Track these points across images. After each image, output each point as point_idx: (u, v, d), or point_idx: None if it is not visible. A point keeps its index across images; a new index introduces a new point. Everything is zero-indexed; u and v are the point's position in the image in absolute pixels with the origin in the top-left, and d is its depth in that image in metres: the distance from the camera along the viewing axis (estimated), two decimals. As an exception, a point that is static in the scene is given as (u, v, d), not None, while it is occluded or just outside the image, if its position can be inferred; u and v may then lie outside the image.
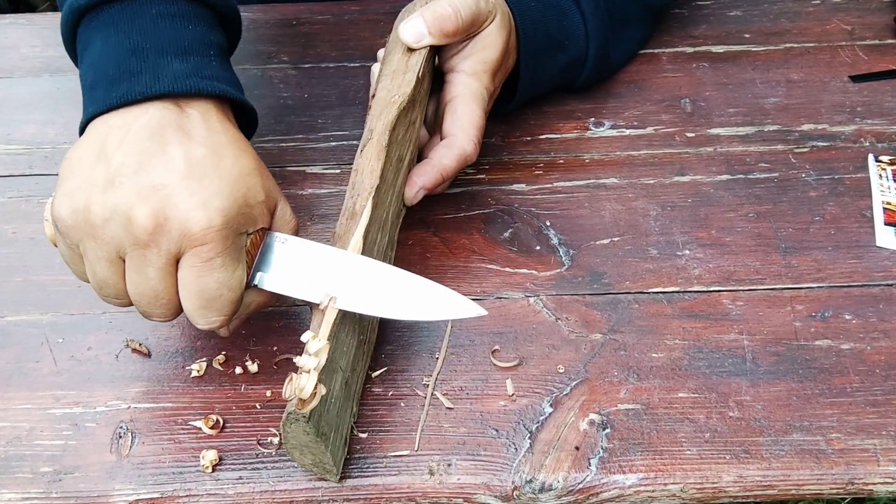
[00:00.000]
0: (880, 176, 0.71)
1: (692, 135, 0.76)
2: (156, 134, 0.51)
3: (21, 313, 0.64)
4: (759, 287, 0.63)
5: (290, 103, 0.80)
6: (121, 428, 0.57)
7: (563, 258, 0.66)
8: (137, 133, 0.51)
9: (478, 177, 0.73)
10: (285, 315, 0.63)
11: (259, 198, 0.53)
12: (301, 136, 0.77)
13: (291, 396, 0.48)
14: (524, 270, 0.65)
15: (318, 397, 0.48)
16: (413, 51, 0.64)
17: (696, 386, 0.58)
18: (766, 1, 0.90)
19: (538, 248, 0.67)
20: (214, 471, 0.54)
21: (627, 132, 0.76)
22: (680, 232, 0.67)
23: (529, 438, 0.55)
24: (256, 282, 0.54)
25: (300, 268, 0.54)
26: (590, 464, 0.54)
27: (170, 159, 0.50)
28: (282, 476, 0.54)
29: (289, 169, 0.74)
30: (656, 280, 0.64)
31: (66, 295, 0.64)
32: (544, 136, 0.76)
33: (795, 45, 0.84)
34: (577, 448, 0.55)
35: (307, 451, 0.51)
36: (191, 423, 0.57)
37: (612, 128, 0.77)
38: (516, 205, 0.70)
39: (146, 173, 0.50)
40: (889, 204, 0.69)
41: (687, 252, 0.66)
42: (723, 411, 0.56)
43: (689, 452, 0.54)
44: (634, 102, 0.79)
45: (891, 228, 0.67)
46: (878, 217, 0.68)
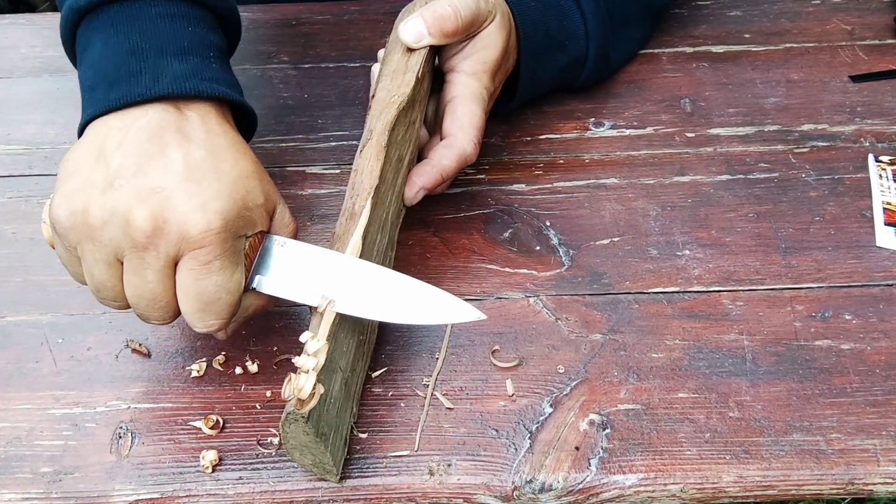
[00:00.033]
0: (880, 176, 0.71)
1: (692, 135, 0.76)
2: (155, 136, 0.51)
3: (21, 313, 0.64)
4: (759, 287, 0.63)
5: (290, 103, 0.80)
6: (121, 428, 0.57)
7: (563, 258, 0.66)
8: (136, 135, 0.51)
9: (478, 177, 0.73)
10: (285, 315, 0.63)
11: (258, 201, 0.53)
12: (301, 136, 0.77)
13: (290, 397, 0.48)
14: (524, 270, 0.65)
15: (317, 397, 0.48)
16: (413, 51, 0.64)
17: (696, 386, 0.58)
18: (766, 1, 0.90)
19: (538, 248, 0.67)
20: (214, 471, 0.54)
21: (627, 132, 0.76)
22: (680, 232, 0.67)
23: (529, 439, 0.55)
24: (255, 285, 0.54)
25: (299, 271, 0.54)
26: (590, 464, 0.54)
27: (169, 161, 0.50)
28: (282, 476, 0.54)
29: (289, 169, 0.74)
30: (656, 280, 0.64)
31: (66, 295, 0.64)
32: (544, 136, 0.76)
33: (795, 45, 0.84)
34: (577, 448, 0.55)
35: (307, 452, 0.51)
36: (191, 423, 0.57)
37: (612, 128, 0.77)
38: (516, 205, 0.70)
39: (145, 175, 0.49)
40: (889, 204, 0.69)
41: (687, 252, 0.66)
42: (723, 411, 0.56)
43: (689, 452, 0.54)
44: (634, 102, 0.79)
45: (891, 228, 0.67)
46: (878, 217, 0.68)
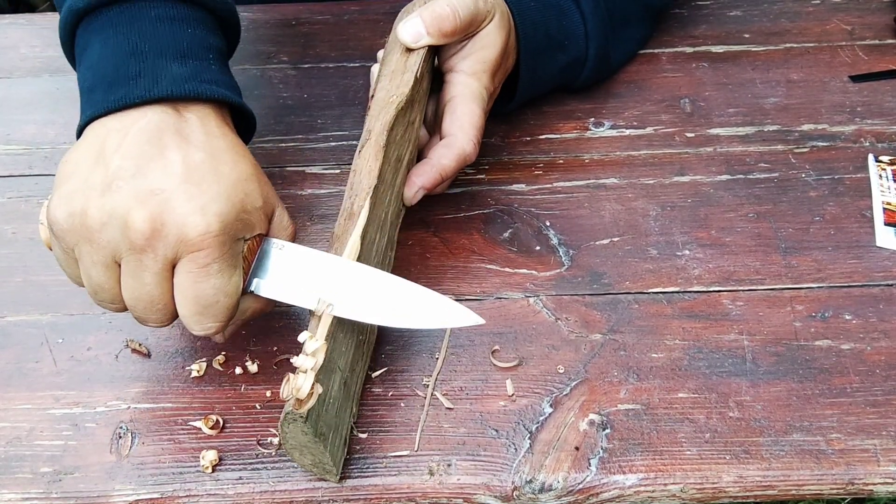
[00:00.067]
0: (880, 176, 0.71)
1: (692, 135, 0.76)
2: (154, 138, 0.51)
3: (21, 313, 0.64)
4: (759, 287, 0.63)
5: (289, 103, 0.80)
6: (121, 428, 0.57)
7: (563, 258, 0.66)
8: (135, 137, 0.51)
9: (478, 177, 0.73)
10: (285, 315, 0.63)
11: (257, 203, 0.53)
12: (301, 136, 0.77)
13: (289, 397, 0.48)
14: (524, 270, 0.65)
15: (315, 397, 0.48)
16: (411, 51, 0.64)
17: (696, 386, 0.58)
18: (766, 1, 0.90)
19: (538, 248, 0.67)
20: (214, 471, 0.54)
21: (627, 132, 0.76)
22: (680, 232, 0.67)
23: (529, 439, 0.55)
24: (253, 288, 0.54)
25: (297, 274, 0.54)
26: (590, 464, 0.54)
27: (168, 163, 0.50)
28: (282, 476, 0.54)
29: (288, 169, 0.74)
30: (656, 280, 0.64)
31: (66, 295, 0.64)
32: (544, 136, 0.76)
33: (795, 45, 0.84)
34: (576, 448, 0.55)
35: (306, 452, 0.51)
36: (191, 423, 0.57)
37: (612, 128, 0.77)
38: (516, 205, 0.70)
39: (144, 177, 0.49)
40: (889, 204, 0.69)
41: (687, 252, 0.66)
42: (723, 411, 0.56)
43: (689, 452, 0.54)
44: (634, 102, 0.79)
45: (891, 228, 0.67)
46: (878, 217, 0.68)
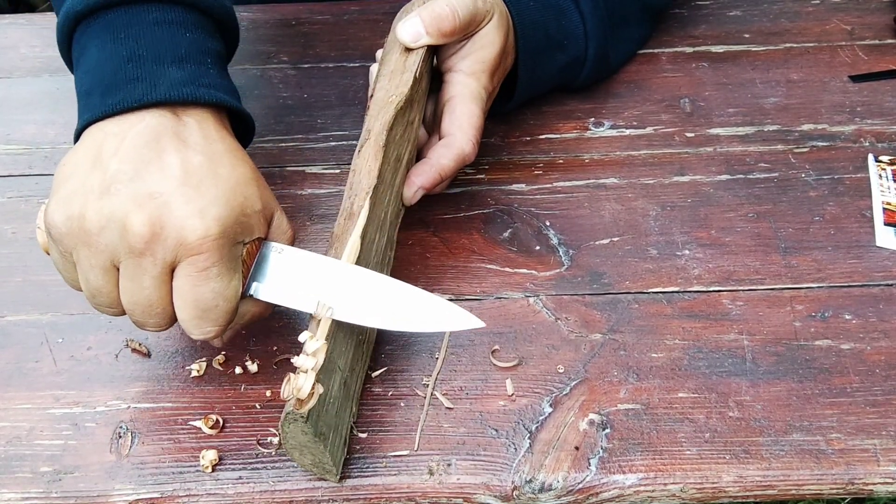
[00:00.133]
0: (880, 176, 0.71)
1: (692, 135, 0.76)
2: (152, 141, 0.50)
3: (21, 313, 0.64)
4: (759, 287, 0.63)
5: (289, 103, 0.80)
6: (121, 428, 0.57)
7: (563, 258, 0.66)
8: (134, 140, 0.50)
9: (477, 177, 0.73)
10: (285, 315, 0.63)
11: (256, 207, 0.52)
12: (301, 136, 0.77)
13: (289, 397, 0.48)
14: (524, 270, 0.65)
15: (316, 397, 0.48)
16: (411, 51, 0.64)
17: (695, 386, 0.58)
18: (766, 1, 0.90)
19: (538, 248, 0.67)
20: (214, 471, 0.54)
21: (627, 132, 0.76)
22: (680, 232, 0.67)
23: (529, 438, 0.55)
24: (252, 292, 0.54)
25: (296, 278, 0.54)
26: (589, 464, 0.54)
27: (166, 167, 0.50)
28: (281, 476, 0.54)
29: (288, 169, 0.74)
30: (656, 280, 0.64)
31: (65, 295, 0.64)
32: (544, 136, 0.76)
33: (795, 45, 0.84)
34: (576, 448, 0.55)
35: (306, 451, 0.51)
36: (191, 423, 0.57)
37: (612, 128, 0.77)
38: (516, 205, 0.70)
39: (142, 181, 0.49)
40: (889, 204, 0.69)
41: (687, 252, 0.66)
42: (723, 411, 0.56)
43: (689, 452, 0.54)
44: (634, 102, 0.79)
45: (891, 228, 0.67)
46: (878, 217, 0.68)
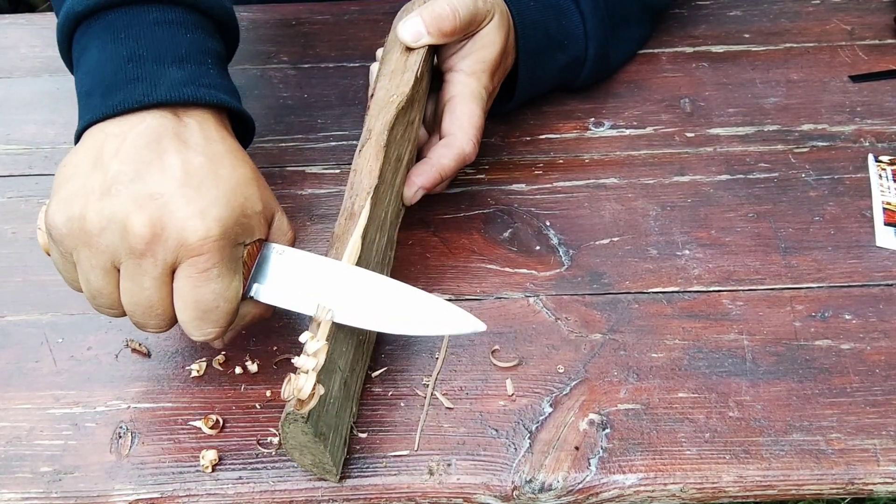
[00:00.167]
0: (880, 176, 0.71)
1: (692, 135, 0.76)
2: (153, 142, 0.50)
3: (21, 313, 0.64)
4: (759, 287, 0.63)
5: (289, 103, 0.80)
6: (121, 428, 0.57)
7: (563, 258, 0.66)
8: (134, 141, 0.50)
9: (477, 177, 0.73)
10: (285, 315, 0.63)
11: (256, 208, 0.52)
12: (301, 136, 0.77)
13: (290, 397, 0.48)
14: (524, 270, 0.65)
15: (317, 398, 0.48)
16: (411, 50, 0.64)
17: (695, 386, 0.58)
18: (766, 1, 0.90)
19: (538, 248, 0.67)
20: (214, 471, 0.54)
21: (627, 132, 0.76)
22: (680, 232, 0.67)
23: (529, 438, 0.55)
24: (252, 293, 0.54)
25: (297, 280, 0.53)
26: (589, 464, 0.54)
27: (167, 167, 0.50)
28: (281, 476, 0.54)
29: (288, 169, 0.74)
30: (656, 280, 0.64)
31: (65, 295, 0.64)
32: (544, 136, 0.76)
33: (795, 45, 0.84)
34: (576, 448, 0.55)
35: (306, 452, 0.51)
36: (191, 423, 0.57)
37: (612, 128, 0.77)
38: (516, 205, 0.70)
39: (143, 181, 0.49)
40: (889, 204, 0.69)
41: (687, 252, 0.66)
42: (723, 411, 0.56)
43: (688, 452, 0.54)
44: (634, 102, 0.79)
45: (891, 228, 0.67)
46: (878, 217, 0.68)
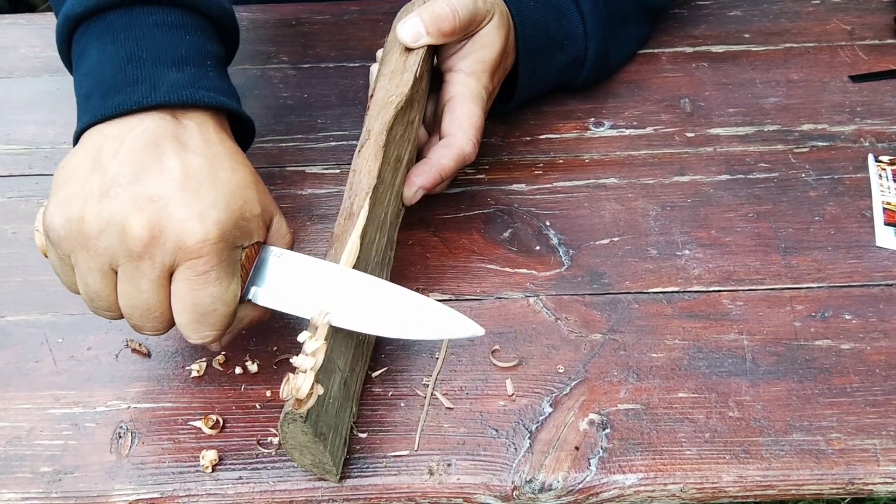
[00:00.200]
0: (880, 176, 0.71)
1: (692, 135, 0.76)
2: (151, 144, 0.50)
3: (21, 313, 0.64)
4: (759, 287, 0.63)
5: (289, 103, 0.80)
6: (121, 428, 0.57)
7: (563, 258, 0.66)
8: (133, 143, 0.50)
9: (477, 177, 0.73)
10: (285, 315, 0.62)
11: (255, 211, 0.52)
12: (301, 136, 0.77)
13: (288, 397, 0.48)
14: (524, 270, 0.65)
15: (315, 397, 0.48)
16: (411, 51, 0.64)
17: (695, 386, 0.58)
18: (766, 1, 0.90)
19: (538, 248, 0.67)
20: (214, 471, 0.54)
21: (627, 132, 0.76)
22: (680, 232, 0.67)
23: (529, 438, 0.55)
24: (250, 296, 0.54)
25: (295, 283, 0.53)
26: (589, 464, 0.54)
27: (165, 170, 0.50)
28: (282, 476, 0.54)
29: (288, 169, 0.74)
30: (656, 280, 0.64)
31: (65, 295, 0.63)
32: (544, 136, 0.76)
33: (795, 45, 0.84)
34: (576, 448, 0.55)
35: (306, 452, 0.51)
36: (191, 423, 0.57)
37: (612, 128, 0.77)
38: (516, 205, 0.70)
39: (142, 184, 0.49)
40: (889, 204, 0.69)
41: (687, 252, 0.66)
42: (723, 411, 0.56)
43: (689, 452, 0.54)
44: (634, 102, 0.79)
45: (891, 228, 0.67)
46: (878, 217, 0.68)
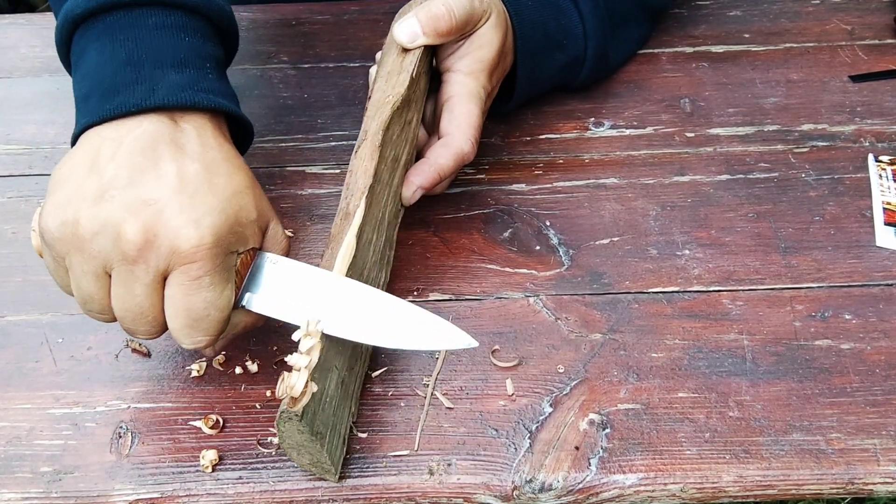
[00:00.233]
0: (880, 176, 0.71)
1: (692, 135, 0.76)
2: (149, 148, 0.50)
3: (21, 313, 0.64)
4: (759, 287, 0.63)
5: (289, 103, 0.80)
6: (121, 428, 0.57)
7: (563, 258, 0.66)
8: (130, 146, 0.50)
9: (477, 177, 0.73)
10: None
11: (251, 217, 0.52)
12: (301, 136, 0.77)
13: (283, 395, 0.48)
14: (524, 270, 0.65)
15: (309, 395, 0.48)
16: (408, 51, 0.64)
17: (695, 386, 0.58)
18: (766, 1, 0.90)
19: (538, 248, 0.67)
20: (214, 471, 0.54)
21: (627, 132, 0.76)
22: (680, 232, 0.67)
23: (529, 438, 0.55)
24: (245, 302, 0.53)
25: (290, 290, 0.53)
26: (590, 463, 0.54)
27: (162, 174, 0.50)
28: (281, 476, 0.54)
29: (288, 169, 0.74)
30: (656, 280, 0.64)
31: (65, 295, 0.63)
32: (544, 136, 0.76)
33: (795, 45, 0.84)
34: (576, 448, 0.55)
35: (304, 451, 0.51)
36: (191, 423, 0.57)
37: (612, 128, 0.77)
38: (516, 205, 0.70)
39: (138, 188, 0.49)
40: (889, 204, 0.69)
41: (687, 252, 0.66)
42: (723, 411, 0.56)
43: (689, 452, 0.54)
44: (634, 102, 0.79)
45: (891, 228, 0.67)
46: (878, 217, 0.68)
